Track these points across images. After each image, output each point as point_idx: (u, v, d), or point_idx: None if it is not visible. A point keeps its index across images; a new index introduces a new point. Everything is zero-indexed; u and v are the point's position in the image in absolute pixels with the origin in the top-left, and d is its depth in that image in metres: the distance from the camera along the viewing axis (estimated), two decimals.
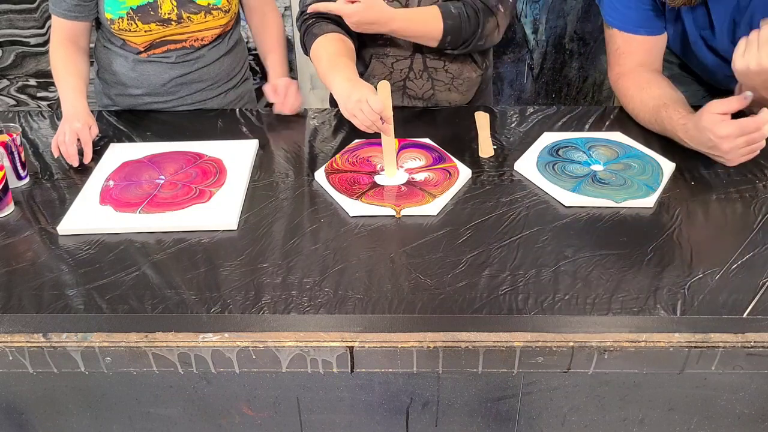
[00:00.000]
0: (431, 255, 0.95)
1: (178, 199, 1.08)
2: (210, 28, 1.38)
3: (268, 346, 0.83)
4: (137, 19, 1.30)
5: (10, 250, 0.98)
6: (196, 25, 1.36)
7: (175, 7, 1.32)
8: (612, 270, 0.92)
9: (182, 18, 1.33)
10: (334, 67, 1.18)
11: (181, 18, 1.33)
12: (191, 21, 1.35)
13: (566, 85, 2.45)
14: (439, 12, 1.24)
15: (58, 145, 1.19)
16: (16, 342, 0.84)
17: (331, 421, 0.94)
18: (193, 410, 0.93)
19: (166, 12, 1.32)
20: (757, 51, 0.99)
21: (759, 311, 0.84)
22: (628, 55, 1.29)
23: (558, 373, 0.85)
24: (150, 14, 1.31)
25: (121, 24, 1.31)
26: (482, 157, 1.20)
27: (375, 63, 1.39)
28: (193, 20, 1.35)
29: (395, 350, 0.83)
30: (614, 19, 1.27)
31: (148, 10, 1.30)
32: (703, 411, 0.91)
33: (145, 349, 0.83)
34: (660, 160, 1.17)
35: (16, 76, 2.39)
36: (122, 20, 1.30)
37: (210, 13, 1.36)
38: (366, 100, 1.06)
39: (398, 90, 1.43)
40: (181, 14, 1.33)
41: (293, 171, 1.17)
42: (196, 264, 0.94)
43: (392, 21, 1.21)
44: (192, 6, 1.33)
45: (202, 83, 1.45)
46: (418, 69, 1.39)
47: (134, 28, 1.32)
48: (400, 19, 1.22)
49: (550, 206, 1.06)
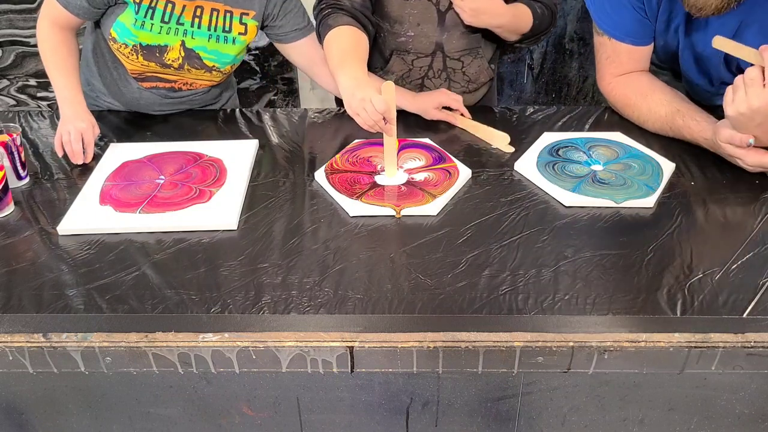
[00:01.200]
0: (431, 255, 0.95)
1: (178, 199, 1.08)
2: (204, 80, 1.38)
3: (268, 346, 0.83)
4: (141, 54, 1.29)
5: (10, 250, 0.98)
6: (192, 76, 1.35)
7: (182, 57, 1.31)
8: (612, 270, 0.92)
9: (183, 68, 1.32)
10: (342, 64, 1.19)
11: (182, 67, 1.32)
12: (189, 72, 1.34)
13: (566, 85, 2.45)
14: (530, 12, 1.32)
15: (63, 144, 1.19)
16: (16, 342, 0.84)
17: (331, 421, 0.94)
18: (193, 410, 0.93)
19: (172, 59, 1.30)
20: (745, 95, 1.00)
21: (759, 311, 0.84)
22: (618, 63, 1.28)
23: (558, 373, 0.85)
24: (155, 55, 1.29)
25: (122, 49, 1.29)
26: (504, 150, 1.22)
27: (395, 59, 1.40)
28: (192, 73, 1.34)
29: (395, 350, 0.83)
30: (604, 23, 1.26)
31: (155, 51, 1.29)
32: (703, 411, 0.91)
33: (145, 349, 0.83)
34: (660, 160, 1.17)
35: (16, 76, 2.40)
36: (125, 46, 1.28)
37: (210, 72, 1.36)
38: (370, 99, 1.06)
39: (415, 88, 1.44)
40: (184, 65, 1.32)
41: (293, 171, 1.17)
42: (196, 264, 0.94)
43: (502, 16, 1.28)
44: (197, 62, 1.32)
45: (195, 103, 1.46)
46: (438, 68, 1.40)
47: (133, 59, 1.30)
48: (510, 15, 1.29)
49: (550, 206, 1.06)
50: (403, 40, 1.37)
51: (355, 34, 1.26)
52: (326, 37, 1.26)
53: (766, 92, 0.98)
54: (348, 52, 1.22)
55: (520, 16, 1.31)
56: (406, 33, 1.36)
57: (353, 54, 1.21)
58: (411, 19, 1.33)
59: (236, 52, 1.34)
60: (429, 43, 1.37)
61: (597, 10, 1.26)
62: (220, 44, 1.31)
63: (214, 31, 1.30)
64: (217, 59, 1.33)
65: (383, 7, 1.34)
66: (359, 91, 1.09)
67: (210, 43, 1.30)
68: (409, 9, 1.32)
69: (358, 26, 1.27)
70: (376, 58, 1.42)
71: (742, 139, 1.04)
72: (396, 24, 1.35)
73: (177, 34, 1.27)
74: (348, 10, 1.27)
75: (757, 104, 0.98)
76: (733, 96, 1.02)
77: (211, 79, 1.38)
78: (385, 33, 1.38)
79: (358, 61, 1.20)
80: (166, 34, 1.27)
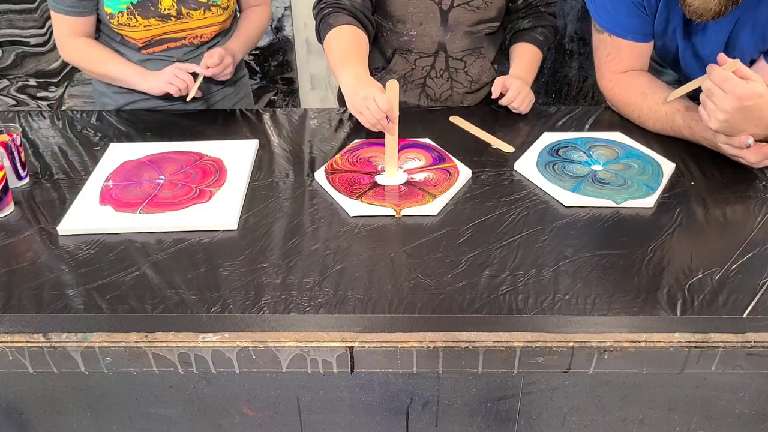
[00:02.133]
0: (431, 255, 0.95)
1: (178, 199, 1.08)
2: (209, 24, 1.39)
3: (268, 346, 0.83)
4: (137, 13, 1.31)
5: (10, 250, 0.98)
6: (195, 21, 1.36)
7: (175, 2, 1.32)
8: (612, 270, 0.92)
9: (182, 13, 1.34)
10: (343, 62, 1.19)
11: (181, 13, 1.34)
12: (190, 17, 1.35)
13: (566, 85, 2.45)
14: (539, 51, 1.41)
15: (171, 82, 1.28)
16: (16, 342, 0.84)
17: (331, 421, 0.94)
18: (193, 410, 0.93)
19: (166, 7, 1.32)
20: (714, 105, 1.02)
21: (759, 311, 0.84)
22: (619, 60, 1.29)
23: (558, 373, 0.85)
24: (150, 9, 1.31)
25: (121, 18, 1.31)
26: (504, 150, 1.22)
27: (398, 58, 1.40)
28: (193, 16, 1.35)
29: (395, 350, 0.83)
30: (605, 20, 1.26)
31: (147, 5, 1.31)
32: (703, 411, 0.91)
33: (145, 349, 0.83)
34: (660, 160, 1.17)
35: (16, 76, 2.40)
36: (122, 14, 1.30)
37: (209, 10, 1.36)
38: (373, 98, 1.06)
39: (417, 88, 1.44)
40: (181, 10, 1.33)
41: (293, 171, 1.17)
42: (196, 264, 0.94)
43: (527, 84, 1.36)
44: (192, 2, 1.34)
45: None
46: (440, 68, 1.40)
47: (133, 23, 1.32)
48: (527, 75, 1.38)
49: (550, 206, 1.06)
50: (406, 40, 1.37)
51: (356, 34, 1.26)
52: (327, 36, 1.26)
53: (729, 95, 0.99)
54: (349, 50, 1.22)
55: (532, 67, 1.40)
56: (408, 32, 1.36)
57: (354, 53, 1.22)
58: (414, 18, 1.34)
59: None
60: (432, 43, 1.37)
61: (597, 8, 1.27)
62: None
63: None
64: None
65: (385, 7, 1.34)
66: (362, 90, 1.09)
67: None
68: (412, 8, 1.32)
69: (359, 26, 1.27)
70: (377, 57, 1.43)
71: (741, 141, 1.04)
72: (399, 23, 1.35)
73: None
74: (348, 10, 1.27)
75: (729, 105, 1.00)
76: (706, 112, 1.04)
77: (214, 19, 1.38)
78: (388, 32, 1.38)
79: (360, 60, 1.20)
80: None
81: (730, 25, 1.14)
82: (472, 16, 1.34)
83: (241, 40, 1.48)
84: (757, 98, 0.98)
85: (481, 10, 1.34)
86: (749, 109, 0.99)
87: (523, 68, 1.38)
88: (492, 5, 1.34)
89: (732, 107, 1.00)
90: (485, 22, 1.37)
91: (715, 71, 1.01)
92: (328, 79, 2.44)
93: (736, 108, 0.99)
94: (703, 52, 1.21)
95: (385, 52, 1.42)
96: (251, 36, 1.50)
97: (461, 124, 1.33)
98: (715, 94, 1.01)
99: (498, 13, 1.37)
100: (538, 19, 1.41)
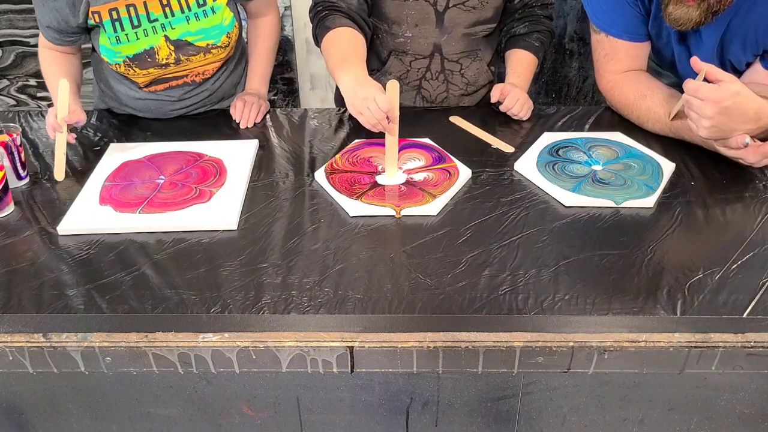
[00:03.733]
0: (431, 255, 0.95)
1: (178, 199, 1.08)
2: (210, 62, 1.34)
3: (268, 346, 0.83)
4: (134, 65, 1.26)
5: (10, 250, 0.98)
6: (195, 64, 1.32)
7: (173, 51, 1.27)
8: (612, 270, 0.92)
9: (180, 61, 1.29)
10: (342, 64, 1.18)
11: (180, 61, 1.29)
12: (190, 61, 1.30)
13: (566, 85, 2.45)
14: (534, 58, 1.41)
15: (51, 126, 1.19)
16: (16, 342, 0.84)
17: (331, 421, 0.94)
18: (193, 410, 0.93)
19: (164, 58, 1.27)
20: (697, 115, 1.03)
21: (759, 311, 0.84)
22: (617, 61, 1.29)
23: (558, 373, 0.85)
24: (147, 61, 1.26)
25: (119, 68, 1.28)
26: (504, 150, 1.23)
27: (393, 60, 1.40)
28: (192, 61, 1.30)
29: (395, 350, 0.83)
30: (601, 21, 1.27)
31: (145, 57, 1.26)
32: (703, 411, 0.91)
33: (145, 349, 0.83)
34: (660, 160, 1.17)
35: (16, 76, 2.39)
36: (119, 66, 1.27)
37: (209, 52, 1.31)
38: (374, 98, 1.06)
39: (413, 90, 1.44)
40: (179, 57, 1.28)
41: (293, 171, 1.17)
42: (196, 264, 0.94)
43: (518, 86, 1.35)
44: (190, 49, 1.28)
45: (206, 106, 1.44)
46: (436, 70, 1.40)
47: (131, 73, 1.28)
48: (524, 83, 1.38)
49: (550, 206, 1.06)
50: (401, 41, 1.37)
51: (353, 35, 1.26)
52: (324, 38, 1.26)
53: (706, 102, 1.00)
54: (347, 52, 1.22)
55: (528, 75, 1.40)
56: (404, 34, 1.36)
57: (353, 54, 1.21)
58: (409, 20, 1.33)
59: (221, 19, 1.28)
60: (427, 45, 1.36)
61: (593, 8, 1.27)
62: (201, 21, 1.26)
63: (189, 11, 1.25)
64: (207, 36, 1.28)
65: (381, 9, 1.34)
66: (362, 90, 1.09)
67: (192, 25, 1.25)
68: (407, 10, 1.32)
69: (356, 27, 1.27)
70: (372, 59, 1.42)
71: (737, 141, 1.04)
72: (394, 25, 1.35)
73: (156, 32, 1.24)
74: (345, 12, 1.27)
75: (710, 111, 1.00)
76: (694, 123, 1.06)
77: (215, 58, 1.33)
78: (383, 34, 1.38)
79: (359, 61, 1.20)
80: (144, 36, 1.24)
81: (720, 29, 1.15)
82: (468, 16, 1.34)
83: (258, 76, 1.44)
84: (734, 97, 0.99)
85: (477, 10, 1.33)
86: (729, 109, 1.00)
87: (519, 76, 1.38)
88: (488, 5, 1.34)
89: (713, 111, 1.00)
90: (482, 23, 1.36)
91: (688, 83, 1.03)
92: (328, 79, 2.44)
93: (716, 111, 1.00)
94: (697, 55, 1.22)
95: (380, 54, 1.41)
96: (268, 62, 1.46)
97: (461, 124, 1.33)
98: (694, 104, 1.03)
99: (494, 14, 1.37)
100: (534, 24, 1.41)
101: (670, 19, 1.10)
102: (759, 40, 1.14)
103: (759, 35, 1.13)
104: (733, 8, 1.08)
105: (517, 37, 1.42)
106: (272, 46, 1.47)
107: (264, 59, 1.46)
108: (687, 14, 1.07)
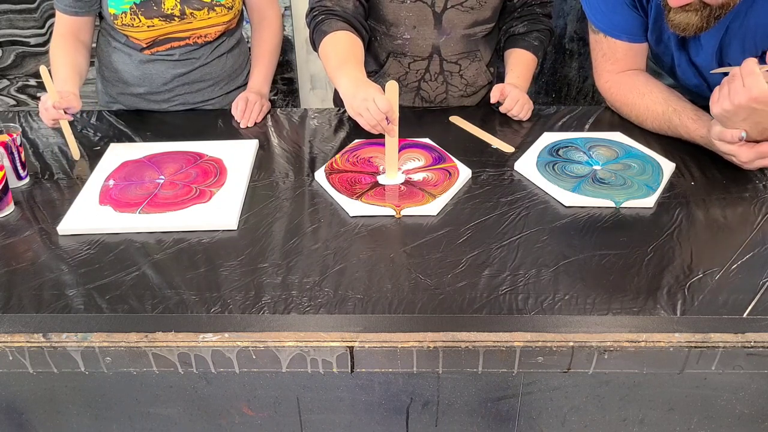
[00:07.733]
0: (431, 255, 0.95)
1: (178, 199, 1.08)
2: (213, 24, 1.38)
3: (268, 346, 0.83)
4: (140, 13, 1.30)
5: (10, 250, 0.98)
6: (199, 22, 1.36)
7: (179, 2, 1.32)
8: (612, 270, 0.92)
9: (185, 14, 1.33)
10: (341, 66, 1.19)
11: (184, 14, 1.33)
12: (194, 17, 1.34)
13: (566, 85, 2.45)
14: (534, 57, 1.41)
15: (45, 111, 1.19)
16: (16, 342, 0.84)
17: (331, 421, 0.94)
18: (193, 410, 0.93)
19: (169, 7, 1.31)
20: (728, 93, 1.01)
21: (759, 311, 0.84)
22: (615, 61, 1.29)
23: (558, 373, 0.85)
24: (153, 9, 1.31)
25: (124, 19, 1.30)
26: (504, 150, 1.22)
27: (392, 62, 1.40)
28: (197, 16, 1.34)
29: (395, 350, 0.83)
30: (599, 21, 1.27)
31: (151, 5, 1.30)
32: (703, 411, 0.91)
33: (145, 349, 0.83)
34: (660, 160, 1.17)
35: (16, 76, 2.39)
36: (125, 15, 1.30)
37: (213, 10, 1.35)
38: (373, 99, 1.06)
39: (412, 91, 1.43)
40: (185, 10, 1.33)
41: (293, 171, 1.17)
42: (196, 264, 0.94)
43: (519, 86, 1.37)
44: (195, 2, 1.33)
45: (203, 83, 1.45)
46: (435, 71, 1.40)
47: (137, 23, 1.31)
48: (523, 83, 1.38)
49: (550, 206, 1.06)
50: (400, 43, 1.37)
51: (351, 39, 1.26)
52: (321, 43, 1.26)
53: (745, 90, 0.98)
54: (346, 55, 1.22)
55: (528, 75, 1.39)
56: (402, 35, 1.35)
57: (351, 57, 1.21)
58: (407, 21, 1.33)
59: None
60: (426, 46, 1.36)
61: (592, 8, 1.27)
62: None
63: None
64: None
65: (378, 11, 1.33)
66: (361, 92, 1.09)
67: None
68: (405, 12, 1.32)
69: (353, 31, 1.27)
70: (370, 61, 1.42)
71: (733, 134, 1.04)
72: (392, 27, 1.35)
73: None
74: (341, 16, 1.27)
75: (739, 99, 0.99)
76: (718, 95, 1.04)
77: (218, 19, 1.37)
78: (381, 36, 1.38)
79: (357, 63, 1.20)
80: None
81: (720, 33, 1.15)
82: (466, 17, 1.33)
83: (261, 75, 1.46)
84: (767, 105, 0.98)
85: (475, 10, 1.33)
86: (755, 111, 0.99)
87: (519, 76, 1.37)
88: (486, 5, 1.34)
89: (740, 102, 0.99)
90: (480, 23, 1.36)
91: (749, 62, 1.00)
92: (327, 79, 2.44)
93: (743, 104, 0.99)
94: (696, 60, 1.22)
95: (378, 56, 1.41)
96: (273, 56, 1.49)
97: (461, 124, 1.33)
98: (734, 83, 1.00)
99: (493, 14, 1.37)
100: (534, 23, 1.41)
101: (672, 24, 1.09)
102: (758, 43, 1.14)
103: (758, 38, 1.13)
104: (732, 12, 1.08)
105: (516, 36, 1.42)
106: (275, 46, 1.49)
107: (267, 59, 1.48)
108: (688, 19, 1.07)
